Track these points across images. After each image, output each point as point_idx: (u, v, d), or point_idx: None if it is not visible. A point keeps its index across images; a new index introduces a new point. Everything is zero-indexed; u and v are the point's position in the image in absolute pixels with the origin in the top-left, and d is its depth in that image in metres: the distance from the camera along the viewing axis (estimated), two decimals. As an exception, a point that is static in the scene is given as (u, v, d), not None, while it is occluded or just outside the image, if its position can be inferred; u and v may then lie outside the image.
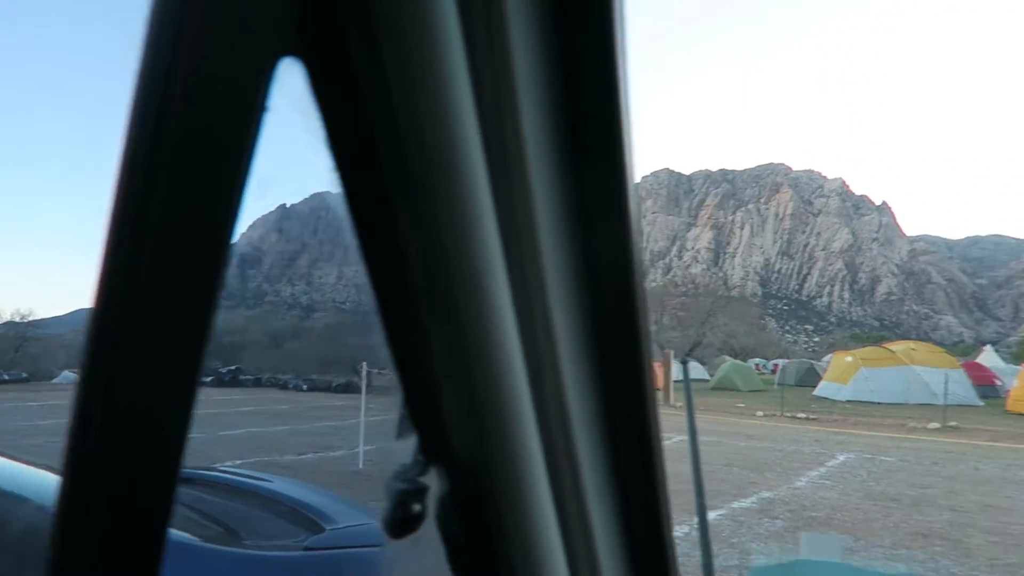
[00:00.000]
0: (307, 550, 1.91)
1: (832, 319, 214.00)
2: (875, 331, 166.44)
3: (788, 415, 20.37)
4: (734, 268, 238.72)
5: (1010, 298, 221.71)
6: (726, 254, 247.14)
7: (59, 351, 48.51)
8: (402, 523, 0.53)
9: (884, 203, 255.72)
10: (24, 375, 42.67)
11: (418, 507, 0.53)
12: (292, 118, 0.45)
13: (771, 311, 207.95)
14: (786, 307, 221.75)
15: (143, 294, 0.40)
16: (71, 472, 0.41)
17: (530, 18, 0.50)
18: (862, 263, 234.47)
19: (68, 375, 35.78)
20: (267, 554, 1.96)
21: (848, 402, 24.79)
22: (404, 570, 0.58)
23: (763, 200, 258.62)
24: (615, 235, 0.58)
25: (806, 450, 13.35)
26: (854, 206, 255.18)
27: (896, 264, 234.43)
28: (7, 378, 39.92)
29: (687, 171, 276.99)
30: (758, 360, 63.56)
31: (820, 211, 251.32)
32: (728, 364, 38.19)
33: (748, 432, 16.38)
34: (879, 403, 23.92)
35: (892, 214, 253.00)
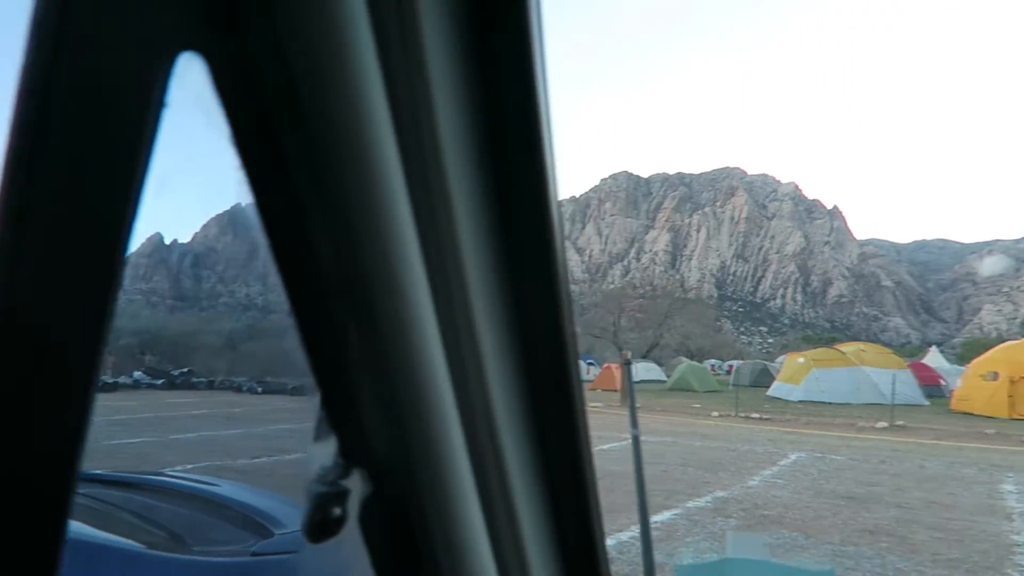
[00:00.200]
0: (255, 555, 1.87)
1: (785, 321, 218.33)
2: (827, 332, 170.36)
3: (742, 415, 20.65)
4: (691, 270, 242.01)
5: (955, 301, 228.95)
6: (683, 256, 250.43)
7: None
8: (321, 527, 0.52)
9: (835, 207, 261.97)
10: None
11: (338, 510, 0.52)
12: (196, 115, 0.44)
13: (727, 313, 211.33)
14: (741, 309, 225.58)
15: (27, 293, 0.38)
16: None
17: (444, 16, 0.48)
18: (814, 266, 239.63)
19: None
20: (214, 560, 1.91)
21: (800, 402, 25.14)
22: (325, 573, 0.57)
23: (719, 203, 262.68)
24: (537, 233, 0.57)
25: (759, 450, 13.57)
26: (807, 210, 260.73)
27: (847, 267, 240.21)
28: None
29: (645, 174, 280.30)
30: (714, 361, 64.45)
31: (774, 215, 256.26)
32: (685, 365, 38.44)
33: (704, 432, 16.59)
34: (830, 403, 24.33)
35: (843, 218, 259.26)
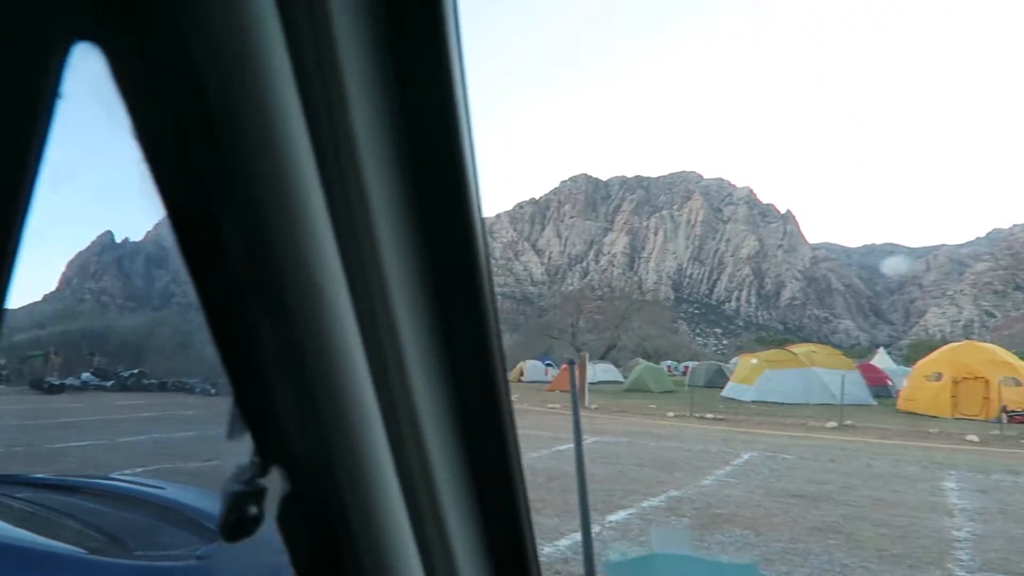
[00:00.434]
0: (200, 559, 1.84)
1: (740, 322, 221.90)
2: (780, 334, 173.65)
3: (697, 416, 20.91)
4: (648, 272, 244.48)
5: (902, 303, 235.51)
6: (641, 259, 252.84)
7: None
8: (236, 526, 0.51)
9: (789, 211, 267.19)
10: None
11: (255, 510, 0.51)
12: (94, 107, 0.42)
13: (683, 315, 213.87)
14: (697, 311, 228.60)
15: None
16: None
17: (358, 14, 0.47)
18: (768, 269, 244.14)
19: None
20: (157, 564, 1.87)
21: (753, 402, 25.48)
22: (240, 573, 0.56)
23: (676, 207, 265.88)
24: (457, 224, 0.56)
25: (713, 449, 13.76)
26: (761, 214, 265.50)
27: (799, 270, 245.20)
28: None
29: (604, 177, 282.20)
30: (670, 362, 64.97)
31: (729, 218, 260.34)
32: (641, 366, 38.70)
33: (659, 432, 16.76)
34: (782, 403, 24.71)
35: (796, 222, 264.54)
